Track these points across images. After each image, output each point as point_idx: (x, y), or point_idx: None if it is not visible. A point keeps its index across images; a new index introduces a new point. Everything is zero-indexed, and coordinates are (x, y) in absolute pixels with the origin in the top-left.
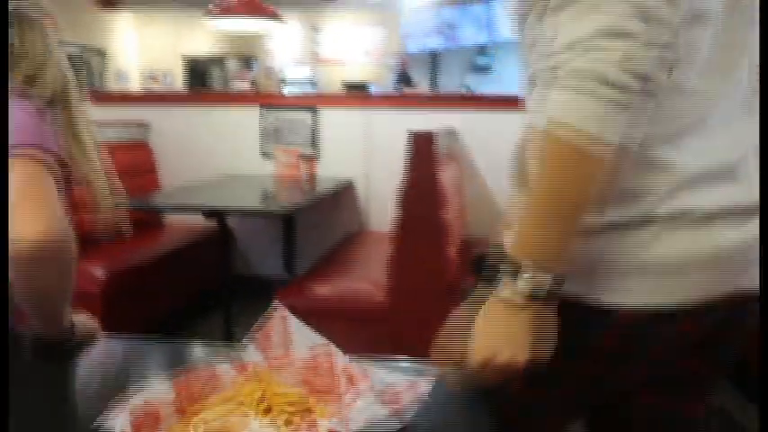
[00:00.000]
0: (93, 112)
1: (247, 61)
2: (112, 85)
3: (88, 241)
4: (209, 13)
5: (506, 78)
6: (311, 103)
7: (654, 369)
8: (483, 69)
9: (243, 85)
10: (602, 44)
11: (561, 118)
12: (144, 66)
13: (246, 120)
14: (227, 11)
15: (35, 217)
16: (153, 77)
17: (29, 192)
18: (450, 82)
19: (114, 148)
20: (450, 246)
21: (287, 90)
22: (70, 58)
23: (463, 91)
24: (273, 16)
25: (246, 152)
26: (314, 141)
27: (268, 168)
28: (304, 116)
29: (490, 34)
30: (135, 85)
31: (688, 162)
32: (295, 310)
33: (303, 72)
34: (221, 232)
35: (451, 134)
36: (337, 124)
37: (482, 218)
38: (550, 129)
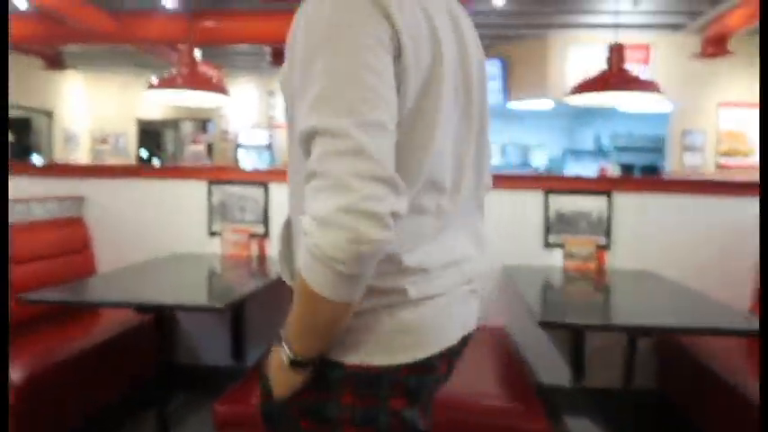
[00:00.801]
0: (24, 186)
1: (203, 124)
2: (60, 148)
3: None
4: (152, 87)
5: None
6: (262, 178)
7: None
8: None
9: (198, 148)
10: (341, 222)
11: (309, 277)
12: (95, 128)
13: (193, 195)
14: (170, 83)
15: None
16: (104, 140)
17: None
18: None
19: (44, 226)
20: None
21: (242, 153)
22: (16, 120)
23: None
24: (219, 90)
25: (193, 229)
26: (265, 219)
27: (216, 246)
28: (255, 192)
29: None
30: (85, 147)
31: (426, 263)
32: (237, 422)
33: (259, 136)
34: (158, 326)
35: None
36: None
37: None
38: (302, 278)
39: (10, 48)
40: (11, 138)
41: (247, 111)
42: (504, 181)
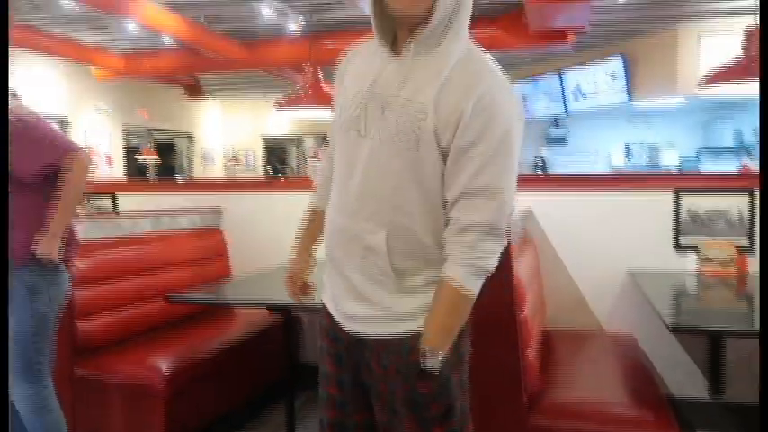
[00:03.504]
0: (169, 201)
1: (323, 140)
2: (199, 166)
3: (153, 330)
4: (279, 105)
5: (581, 149)
6: None
7: None
8: (558, 141)
9: (319, 163)
10: (491, 236)
11: (463, 282)
12: (228, 147)
13: None
14: (295, 102)
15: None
16: (235, 158)
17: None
18: (524, 154)
19: (187, 236)
20: (529, 347)
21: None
22: (162, 144)
23: (539, 163)
24: None
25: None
26: None
27: None
28: None
29: (564, 106)
30: (219, 165)
31: None
32: None
33: None
34: (285, 325)
35: (528, 216)
36: None
37: (563, 306)
38: (455, 285)
39: (157, 79)
40: (158, 158)
41: None
42: (628, 181)
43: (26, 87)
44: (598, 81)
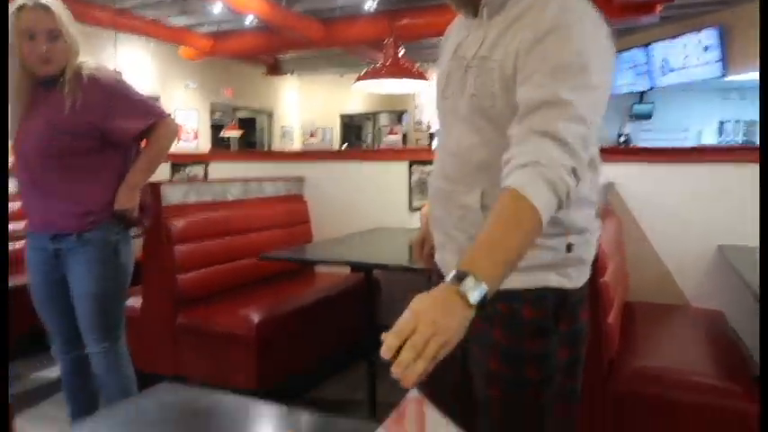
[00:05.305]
0: (257, 169)
1: (398, 116)
2: (278, 141)
3: (243, 286)
4: (360, 79)
5: (669, 127)
6: None
7: None
8: (643, 117)
9: (394, 138)
10: (556, 145)
11: (521, 187)
12: (305, 123)
13: (395, 175)
14: (375, 74)
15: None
16: (312, 134)
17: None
18: (608, 130)
19: (272, 201)
20: (609, 314)
21: (436, 142)
22: (244, 120)
23: (621, 140)
24: (419, 76)
25: (395, 206)
26: None
27: (416, 221)
28: None
29: (651, 80)
30: (297, 141)
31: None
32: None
33: None
34: (367, 286)
35: (609, 188)
36: None
37: (647, 279)
38: (513, 188)
39: (240, 58)
40: (239, 134)
41: None
42: (715, 153)
43: (121, 66)
44: (689, 54)
